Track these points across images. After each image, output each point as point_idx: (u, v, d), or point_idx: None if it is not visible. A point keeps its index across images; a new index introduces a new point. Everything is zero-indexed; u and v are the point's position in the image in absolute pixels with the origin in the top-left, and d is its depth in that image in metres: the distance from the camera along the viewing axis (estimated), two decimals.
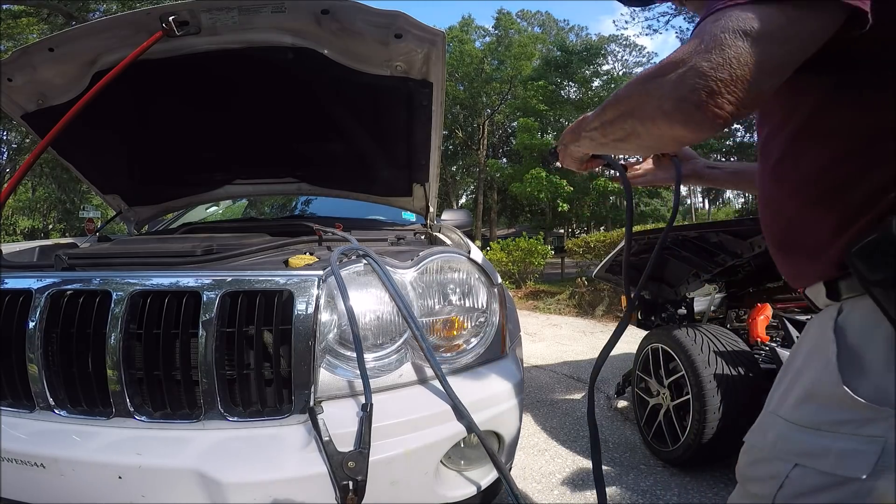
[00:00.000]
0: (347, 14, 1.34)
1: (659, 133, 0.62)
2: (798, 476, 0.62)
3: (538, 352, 4.43)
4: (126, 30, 1.38)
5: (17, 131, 15.02)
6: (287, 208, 3.13)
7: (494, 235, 20.47)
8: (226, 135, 1.94)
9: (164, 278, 1.06)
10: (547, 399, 3.05)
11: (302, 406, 0.99)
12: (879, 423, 0.56)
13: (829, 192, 0.62)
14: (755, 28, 0.53)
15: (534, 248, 9.36)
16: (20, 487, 0.95)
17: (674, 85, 0.56)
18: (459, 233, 1.75)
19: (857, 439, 0.57)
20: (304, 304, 1.02)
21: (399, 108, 1.63)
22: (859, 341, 0.59)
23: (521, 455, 2.19)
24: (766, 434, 0.68)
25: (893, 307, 0.53)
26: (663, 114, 0.58)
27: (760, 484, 0.67)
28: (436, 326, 1.17)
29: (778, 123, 0.69)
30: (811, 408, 0.62)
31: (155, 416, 1.01)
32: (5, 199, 1.18)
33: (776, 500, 0.63)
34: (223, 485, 0.88)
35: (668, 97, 0.57)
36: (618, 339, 0.91)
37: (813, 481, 0.60)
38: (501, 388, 1.16)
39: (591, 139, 0.75)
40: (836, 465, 0.58)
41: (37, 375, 1.02)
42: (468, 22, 25.05)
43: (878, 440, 0.55)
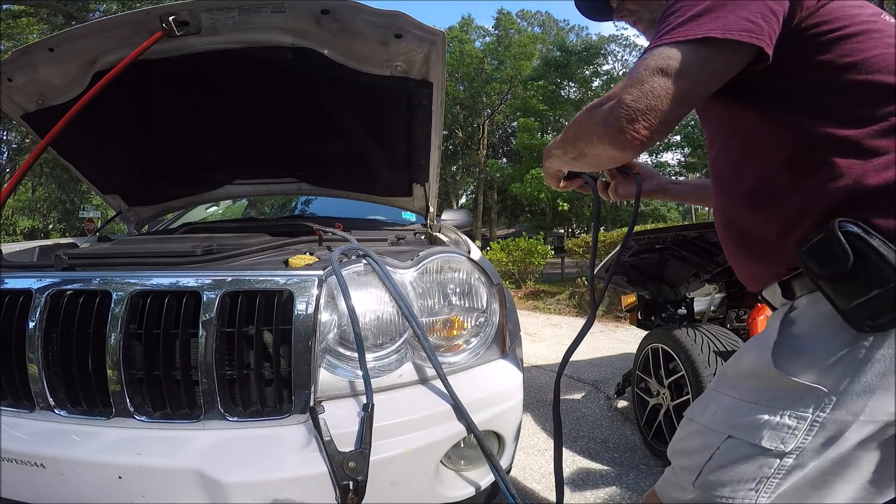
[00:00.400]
0: (347, 14, 1.34)
1: (597, 153, 0.74)
2: (728, 447, 0.68)
3: (538, 352, 4.43)
4: (126, 30, 1.38)
5: (17, 131, 15.02)
6: (287, 208, 3.13)
7: (494, 235, 20.47)
8: (226, 135, 1.94)
9: (164, 278, 1.06)
10: (547, 399, 3.05)
11: (302, 406, 0.99)
12: (809, 400, 0.62)
13: (770, 203, 0.71)
14: (669, 65, 0.64)
15: (534, 248, 9.36)
16: (20, 487, 0.95)
17: (605, 114, 0.69)
18: (459, 233, 1.75)
19: (788, 414, 0.64)
20: (304, 304, 1.02)
21: (399, 108, 1.63)
22: (805, 330, 0.66)
23: (521, 455, 2.19)
24: (706, 408, 0.75)
25: (838, 296, 0.61)
26: (598, 137, 0.71)
27: (689, 457, 0.73)
28: (436, 326, 1.17)
29: (724, 144, 0.80)
30: (752, 385, 0.69)
31: (155, 416, 1.01)
32: (5, 199, 1.18)
33: (703, 470, 0.70)
34: (223, 485, 0.88)
35: (601, 124, 0.69)
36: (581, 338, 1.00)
37: (741, 452, 0.67)
38: (501, 388, 1.16)
39: (557, 157, 0.87)
40: (766, 438, 0.65)
41: (37, 375, 1.02)
42: (468, 22, 25.05)
43: (805, 416, 0.62)
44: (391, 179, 1.99)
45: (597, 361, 4.03)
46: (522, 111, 19.57)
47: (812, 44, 0.67)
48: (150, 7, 1.38)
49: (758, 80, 0.70)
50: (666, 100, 0.64)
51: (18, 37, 10.73)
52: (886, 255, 0.57)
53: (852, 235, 0.59)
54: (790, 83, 0.70)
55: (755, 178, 0.74)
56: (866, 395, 0.60)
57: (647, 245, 2.26)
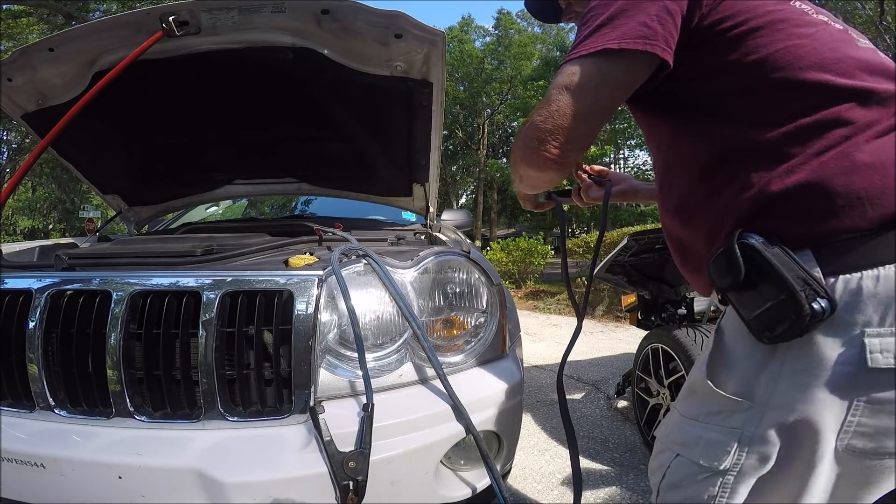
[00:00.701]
0: (347, 14, 1.34)
1: (526, 174, 0.76)
2: (677, 465, 0.68)
3: (538, 352, 4.43)
4: (126, 30, 1.38)
5: (17, 131, 15.00)
6: (287, 208, 3.13)
7: (494, 235, 20.46)
8: (226, 135, 1.94)
9: (164, 278, 1.06)
10: (547, 399, 3.05)
11: (302, 406, 0.99)
12: (739, 415, 0.61)
13: (694, 215, 0.71)
14: (572, 82, 0.64)
15: (534, 248, 9.36)
16: (20, 487, 0.95)
17: (523, 137, 0.70)
18: (459, 233, 1.75)
19: (720, 430, 0.63)
20: (304, 304, 1.02)
21: (399, 108, 1.63)
22: (731, 342, 0.66)
23: (521, 455, 2.18)
24: (665, 426, 0.75)
25: (742, 308, 0.61)
26: (521, 159, 0.72)
27: (653, 475, 0.73)
28: (436, 326, 1.17)
29: (654, 157, 0.80)
30: (694, 401, 0.68)
31: (155, 416, 1.01)
32: (5, 199, 1.18)
33: (659, 489, 0.70)
34: (223, 485, 0.88)
35: (520, 147, 0.71)
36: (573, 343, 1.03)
37: (686, 470, 0.66)
38: (501, 388, 1.16)
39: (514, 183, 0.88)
40: (702, 454, 0.64)
41: (37, 375, 1.02)
42: (468, 22, 25.06)
43: (736, 431, 0.61)
44: (391, 179, 1.99)
45: (597, 361, 4.03)
46: (522, 111, 19.56)
47: (718, 43, 0.65)
48: (150, 7, 1.38)
49: (671, 87, 0.69)
50: (571, 117, 0.64)
51: (18, 37, 10.73)
52: (778, 267, 0.56)
53: (748, 248, 0.59)
54: (702, 88, 0.68)
55: (679, 190, 0.74)
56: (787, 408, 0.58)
57: (647, 245, 2.26)
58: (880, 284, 0.54)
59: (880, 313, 0.54)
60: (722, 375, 0.64)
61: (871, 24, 7.89)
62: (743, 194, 0.63)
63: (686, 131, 0.70)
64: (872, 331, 0.54)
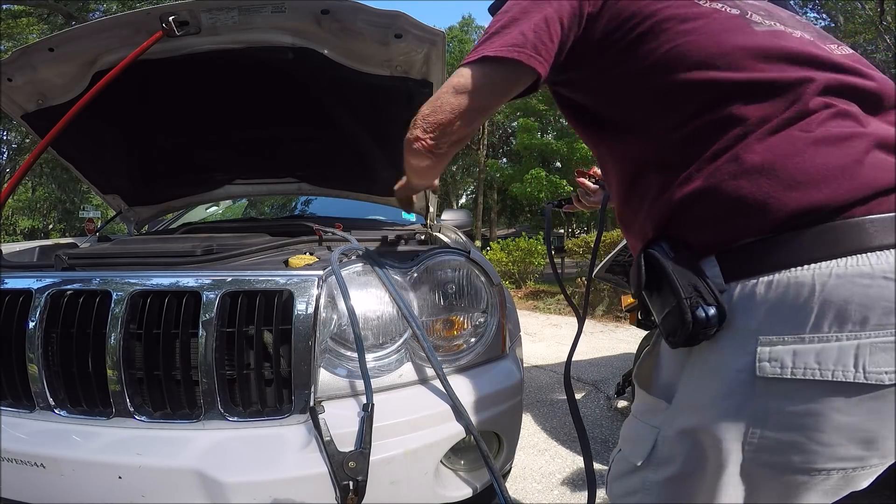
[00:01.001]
0: (347, 14, 1.34)
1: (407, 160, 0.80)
2: (617, 460, 0.71)
3: (538, 352, 4.43)
4: (126, 30, 1.38)
5: (17, 131, 14.99)
6: (287, 208, 3.13)
7: (494, 235, 20.45)
8: (226, 135, 1.94)
9: (164, 278, 1.06)
10: (547, 399, 3.05)
11: (302, 406, 0.99)
12: (659, 414, 0.63)
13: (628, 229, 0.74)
14: (459, 83, 0.69)
15: (534, 248, 9.35)
16: (20, 487, 0.95)
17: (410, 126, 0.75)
18: (459, 233, 1.75)
19: (643, 426, 0.65)
20: (304, 304, 1.01)
21: (399, 108, 1.63)
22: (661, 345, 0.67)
23: (521, 455, 2.18)
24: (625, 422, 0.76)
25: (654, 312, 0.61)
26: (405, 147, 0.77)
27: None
28: (436, 326, 1.17)
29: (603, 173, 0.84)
30: (638, 399, 0.71)
31: (155, 416, 1.01)
32: (5, 199, 1.18)
33: (607, 482, 0.73)
34: (223, 485, 0.88)
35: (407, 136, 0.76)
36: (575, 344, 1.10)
37: (621, 467, 0.69)
38: (501, 388, 1.15)
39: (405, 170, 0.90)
40: (630, 450, 0.67)
41: (37, 375, 1.02)
42: (468, 22, 25.04)
43: (654, 430, 0.63)
44: (391, 179, 1.97)
45: (597, 361, 4.03)
46: (522, 111, 19.56)
47: (614, 55, 0.65)
48: (150, 7, 1.38)
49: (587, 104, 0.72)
50: (448, 113, 0.69)
51: (18, 37, 10.72)
52: (670, 274, 0.57)
53: (650, 256, 0.60)
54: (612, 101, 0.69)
55: (615, 203, 0.77)
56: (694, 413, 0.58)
57: None
58: (772, 291, 0.53)
59: (771, 321, 0.53)
60: (653, 376, 0.67)
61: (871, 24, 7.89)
62: (655, 204, 0.64)
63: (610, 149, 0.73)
64: (764, 338, 0.52)
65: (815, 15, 13.87)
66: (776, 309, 0.52)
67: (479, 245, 15.95)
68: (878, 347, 0.49)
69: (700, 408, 0.58)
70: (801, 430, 0.52)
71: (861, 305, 0.49)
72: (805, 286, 0.51)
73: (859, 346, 0.49)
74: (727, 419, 0.55)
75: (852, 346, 0.49)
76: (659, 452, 0.62)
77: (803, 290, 0.51)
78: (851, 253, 0.51)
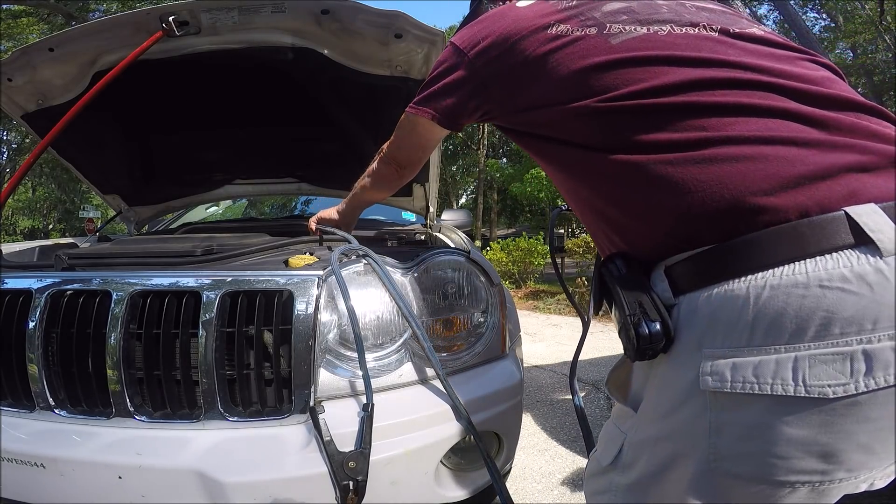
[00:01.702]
0: (347, 14, 1.34)
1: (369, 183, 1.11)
2: (591, 458, 0.72)
3: (538, 352, 4.42)
4: (126, 30, 1.38)
5: (17, 131, 15.00)
6: (287, 208, 3.14)
7: (494, 235, 20.45)
8: (226, 135, 1.94)
9: (164, 278, 1.06)
10: (547, 399, 3.05)
11: (302, 406, 0.99)
12: (628, 420, 0.64)
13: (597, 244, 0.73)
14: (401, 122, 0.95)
15: (534, 248, 9.35)
16: (20, 487, 0.95)
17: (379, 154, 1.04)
18: (459, 233, 1.75)
19: (614, 429, 0.66)
20: (304, 304, 1.02)
21: (399, 108, 1.62)
22: None
23: (521, 455, 2.18)
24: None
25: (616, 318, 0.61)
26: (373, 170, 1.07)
27: None
28: (436, 326, 1.17)
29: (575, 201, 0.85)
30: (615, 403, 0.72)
31: (155, 416, 1.01)
32: (5, 199, 1.18)
33: (585, 479, 0.74)
34: (223, 485, 0.88)
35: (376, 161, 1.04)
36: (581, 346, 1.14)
37: (592, 466, 0.70)
38: (501, 388, 1.15)
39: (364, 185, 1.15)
40: (601, 450, 0.68)
41: (37, 375, 1.02)
42: None
43: (622, 434, 0.64)
44: None
45: (597, 361, 4.03)
46: None
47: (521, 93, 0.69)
48: (150, 7, 1.39)
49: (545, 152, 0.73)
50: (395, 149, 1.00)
51: (18, 37, 10.72)
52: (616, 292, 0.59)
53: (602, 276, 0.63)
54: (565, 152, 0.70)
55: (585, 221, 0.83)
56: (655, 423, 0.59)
57: None
58: (710, 304, 0.52)
59: (710, 334, 0.52)
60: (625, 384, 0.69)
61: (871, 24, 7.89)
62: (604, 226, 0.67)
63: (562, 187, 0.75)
64: (707, 352, 0.52)
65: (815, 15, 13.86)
66: (714, 322, 0.52)
67: (479, 245, 15.94)
68: (817, 360, 0.46)
69: (660, 418, 0.58)
70: (756, 442, 0.50)
71: (796, 317, 0.47)
72: (739, 299, 0.50)
73: (797, 358, 0.47)
74: (685, 430, 0.55)
75: (789, 358, 0.47)
76: (624, 457, 0.63)
77: (737, 302, 0.50)
78: (786, 262, 0.48)
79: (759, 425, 0.50)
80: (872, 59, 11.85)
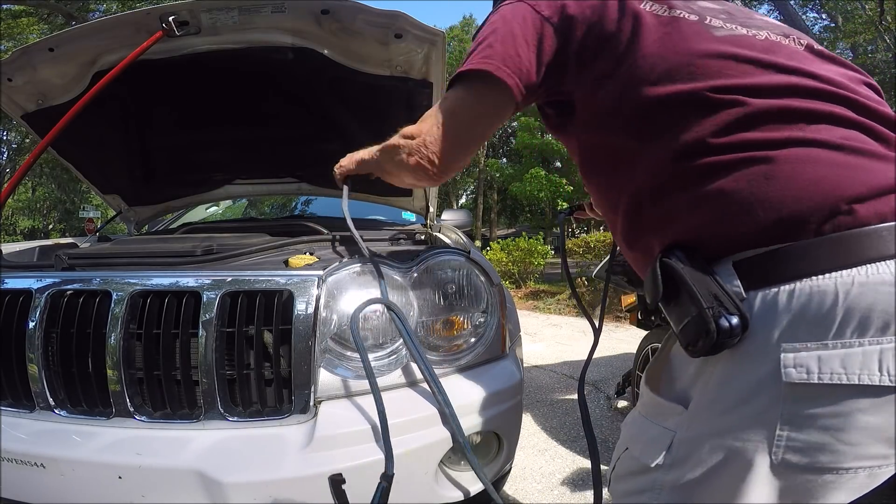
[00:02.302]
0: (347, 14, 1.34)
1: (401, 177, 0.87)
2: (623, 459, 0.70)
3: (538, 352, 4.43)
4: (126, 30, 1.38)
5: (17, 131, 15.00)
6: (287, 208, 3.14)
7: (494, 235, 20.46)
8: (226, 135, 1.94)
9: (164, 278, 1.06)
10: (547, 399, 3.05)
11: (302, 406, 0.99)
12: (674, 417, 0.63)
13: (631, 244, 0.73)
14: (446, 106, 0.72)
15: (534, 248, 9.35)
16: (20, 487, 0.95)
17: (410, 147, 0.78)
18: (459, 233, 1.75)
19: (655, 427, 0.65)
20: (304, 304, 1.02)
21: (399, 108, 1.63)
22: (675, 349, 0.67)
23: (521, 455, 2.18)
24: (629, 418, 0.76)
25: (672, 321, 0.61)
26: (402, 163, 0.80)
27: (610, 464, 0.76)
28: (436, 326, 1.17)
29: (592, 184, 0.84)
30: (648, 399, 0.71)
31: (155, 416, 1.01)
32: (5, 199, 1.18)
33: (610, 479, 0.73)
34: (223, 485, 0.88)
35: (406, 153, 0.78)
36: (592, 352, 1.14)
37: (628, 465, 0.69)
38: (501, 388, 1.15)
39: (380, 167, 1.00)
40: (641, 450, 0.66)
41: (37, 375, 1.02)
42: (469, 22, 25.04)
43: (669, 433, 0.63)
44: None
45: (597, 361, 4.03)
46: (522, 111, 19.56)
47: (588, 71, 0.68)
48: (150, 7, 1.38)
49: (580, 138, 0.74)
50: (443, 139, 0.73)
51: (18, 37, 10.72)
52: (689, 284, 0.57)
53: (666, 265, 0.60)
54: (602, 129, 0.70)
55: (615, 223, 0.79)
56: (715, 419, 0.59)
57: None
58: (795, 300, 0.54)
59: (794, 328, 0.54)
60: (665, 380, 0.67)
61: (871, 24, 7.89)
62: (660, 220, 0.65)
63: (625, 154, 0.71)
64: (788, 346, 0.53)
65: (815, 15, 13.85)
66: (800, 317, 0.53)
67: (479, 245, 15.94)
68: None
69: (720, 413, 0.58)
70: (828, 431, 0.53)
71: (884, 312, 0.51)
72: (828, 294, 0.52)
73: (882, 350, 0.50)
74: (752, 424, 0.56)
75: (875, 350, 0.51)
76: (675, 455, 0.62)
77: (826, 298, 0.52)
78: (872, 261, 0.52)
79: (836, 414, 0.52)
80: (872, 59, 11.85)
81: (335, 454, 0.94)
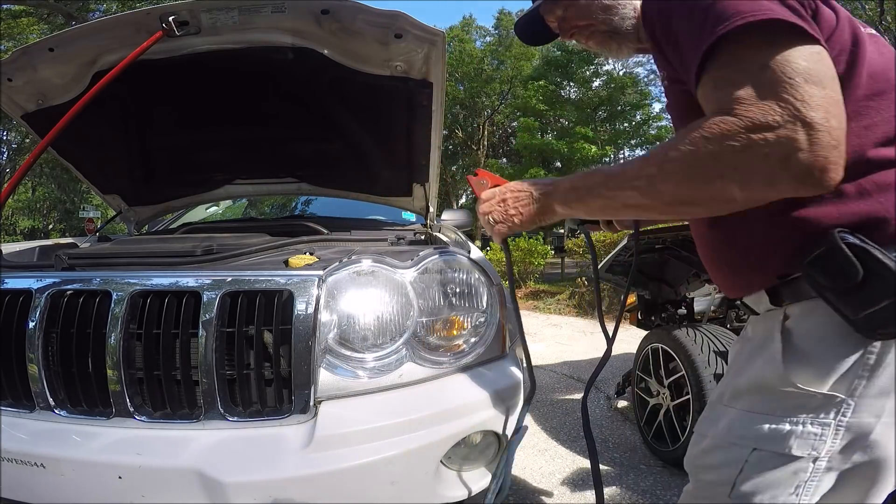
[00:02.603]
0: (347, 14, 1.34)
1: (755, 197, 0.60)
2: (757, 459, 0.68)
3: (538, 352, 4.42)
4: (126, 30, 1.38)
5: (17, 131, 14.99)
6: (287, 208, 3.13)
7: None
8: (226, 135, 1.93)
9: (164, 278, 1.06)
10: (547, 399, 3.05)
11: (302, 406, 0.99)
12: (830, 408, 0.63)
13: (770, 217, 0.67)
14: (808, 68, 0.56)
15: (534, 248, 9.35)
16: (20, 487, 0.95)
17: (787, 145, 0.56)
18: (459, 233, 1.75)
19: (811, 423, 0.64)
20: (304, 304, 1.01)
21: (399, 108, 1.63)
22: (809, 339, 0.65)
23: (521, 455, 2.18)
24: (717, 423, 0.74)
25: (846, 307, 0.59)
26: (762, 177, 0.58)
27: (716, 471, 0.72)
28: (436, 326, 1.16)
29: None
30: (762, 397, 0.68)
31: (155, 416, 1.01)
32: (5, 199, 1.18)
33: (736, 482, 0.69)
34: (223, 485, 0.88)
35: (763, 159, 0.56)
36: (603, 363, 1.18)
37: (772, 462, 0.67)
38: (501, 388, 1.16)
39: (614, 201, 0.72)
40: (795, 447, 0.65)
41: (37, 375, 1.02)
42: (469, 22, 25.02)
43: (829, 423, 0.63)
44: (391, 179, 1.99)
45: (597, 361, 4.03)
46: (522, 111, 19.55)
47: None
48: (150, 7, 1.38)
49: None
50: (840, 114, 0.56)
51: (18, 37, 10.72)
52: (890, 265, 0.56)
53: (856, 248, 0.58)
54: None
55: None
56: (884, 397, 0.61)
57: (647, 245, 2.26)
58: None
59: None
60: (800, 372, 0.64)
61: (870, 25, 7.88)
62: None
63: None
64: None
65: None
66: None
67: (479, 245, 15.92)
68: None
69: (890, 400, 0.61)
70: None
71: None
72: None
73: None
74: None
75: None
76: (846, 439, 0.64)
77: None
78: None
79: None
80: None
81: (335, 454, 0.94)
